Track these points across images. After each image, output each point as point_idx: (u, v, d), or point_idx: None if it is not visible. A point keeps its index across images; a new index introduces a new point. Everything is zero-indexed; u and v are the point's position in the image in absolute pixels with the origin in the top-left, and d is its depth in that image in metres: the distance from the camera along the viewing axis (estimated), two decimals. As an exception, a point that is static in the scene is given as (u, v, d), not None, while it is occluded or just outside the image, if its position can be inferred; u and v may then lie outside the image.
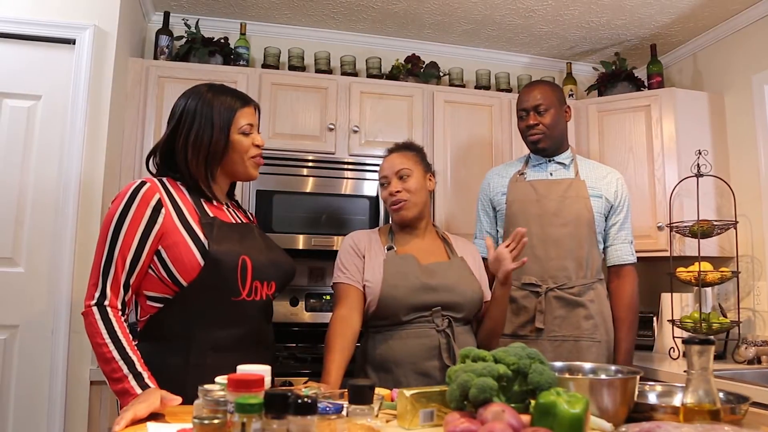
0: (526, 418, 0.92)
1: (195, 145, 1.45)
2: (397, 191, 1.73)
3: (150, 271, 1.39)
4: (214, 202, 1.50)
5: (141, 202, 1.37)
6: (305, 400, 0.83)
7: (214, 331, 1.39)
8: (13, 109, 2.21)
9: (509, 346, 1.03)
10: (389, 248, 1.76)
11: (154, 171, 1.52)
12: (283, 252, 1.59)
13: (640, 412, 1.12)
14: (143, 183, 1.41)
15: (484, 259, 2.19)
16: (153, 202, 1.38)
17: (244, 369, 1.03)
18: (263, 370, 1.01)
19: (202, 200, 1.47)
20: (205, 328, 1.38)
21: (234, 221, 1.51)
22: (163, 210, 1.39)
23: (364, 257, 1.74)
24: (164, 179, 1.46)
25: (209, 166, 1.47)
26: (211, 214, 1.45)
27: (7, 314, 2.13)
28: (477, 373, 0.93)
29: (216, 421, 0.85)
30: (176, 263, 1.36)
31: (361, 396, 0.95)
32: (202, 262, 1.36)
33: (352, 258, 1.75)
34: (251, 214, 1.71)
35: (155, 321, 1.40)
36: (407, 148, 1.83)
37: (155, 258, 1.38)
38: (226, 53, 2.79)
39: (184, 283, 1.37)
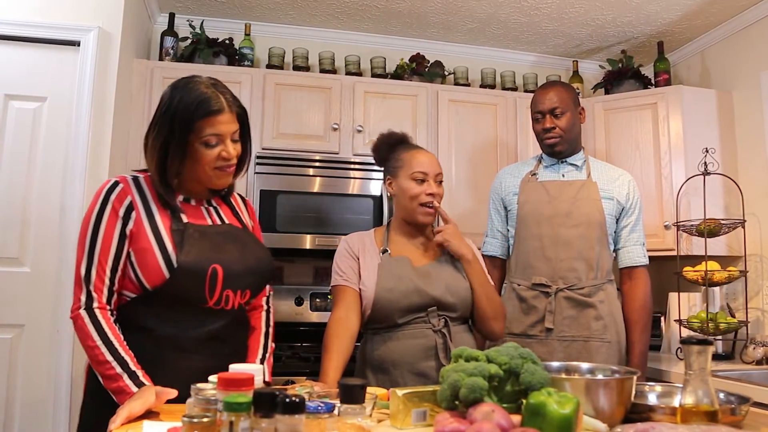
0: (517, 418, 0.91)
1: (152, 146, 1.35)
2: (436, 194, 1.74)
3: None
4: (192, 202, 1.43)
5: (114, 204, 1.34)
6: (293, 399, 0.83)
7: (175, 332, 1.35)
8: (18, 110, 2.24)
9: (502, 346, 1.02)
10: (384, 251, 1.76)
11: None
12: (263, 251, 1.49)
13: (639, 412, 1.11)
14: (116, 183, 1.36)
15: (487, 257, 2.20)
16: (125, 204, 1.34)
17: (236, 368, 1.03)
18: (255, 369, 1.01)
19: (173, 203, 1.38)
20: (166, 325, 1.35)
21: (211, 223, 1.43)
22: (133, 214, 1.34)
23: (358, 259, 1.75)
24: (140, 177, 1.40)
25: (164, 172, 1.35)
26: (185, 219, 1.38)
27: (13, 314, 2.16)
28: (468, 373, 0.92)
29: (205, 420, 0.85)
30: (142, 269, 1.33)
31: (352, 395, 0.95)
32: (167, 274, 1.31)
33: (347, 261, 1.75)
34: (245, 201, 1.60)
35: (121, 311, 1.36)
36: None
37: (127, 258, 1.35)
38: (231, 54, 2.80)
39: (149, 288, 1.33)
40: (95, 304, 1.30)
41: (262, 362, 1.46)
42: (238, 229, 1.48)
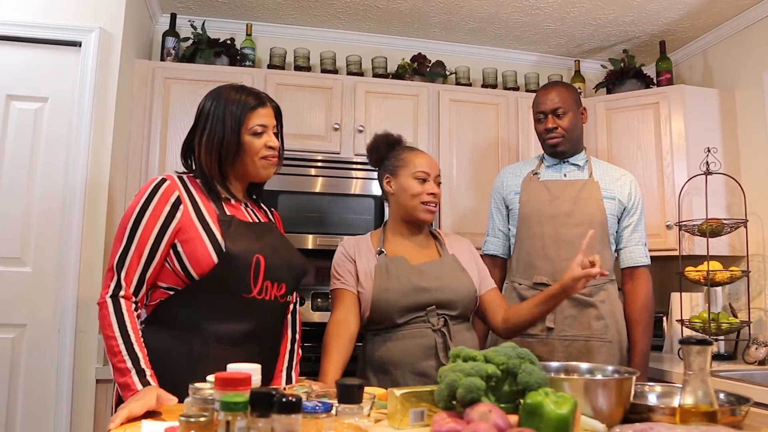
0: (514, 418, 0.91)
1: (208, 146, 1.47)
2: (436, 194, 1.77)
3: (165, 263, 1.41)
4: (232, 201, 1.51)
5: (160, 198, 1.40)
6: (289, 398, 0.83)
7: (220, 324, 1.40)
8: (20, 111, 2.24)
9: (500, 346, 1.02)
10: (380, 252, 1.76)
11: (188, 167, 1.55)
12: (297, 253, 1.58)
13: (638, 413, 1.10)
14: (164, 180, 1.44)
15: (488, 256, 2.20)
16: (172, 199, 1.41)
17: (234, 368, 1.03)
18: (252, 369, 1.01)
19: (220, 199, 1.48)
20: (212, 319, 1.40)
21: (251, 220, 1.52)
22: (181, 207, 1.41)
23: (355, 262, 1.76)
24: (185, 177, 1.49)
25: (222, 166, 1.48)
26: (229, 213, 1.47)
27: (14, 313, 2.16)
28: (465, 373, 0.92)
29: (202, 419, 0.85)
30: (190, 257, 1.38)
31: (349, 395, 0.95)
32: (216, 259, 1.37)
33: (344, 264, 1.77)
34: (273, 212, 1.70)
35: (164, 306, 1.42)
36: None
37: (171, 251, 1.40)
38: (232, 54, 2.81)
39: (196, 277, 1.39)
40: (122, 293, 1.35)
41: (289, 371, 1.54)
42: (274, 227, 1.58)
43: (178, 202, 1.41)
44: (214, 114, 1.47)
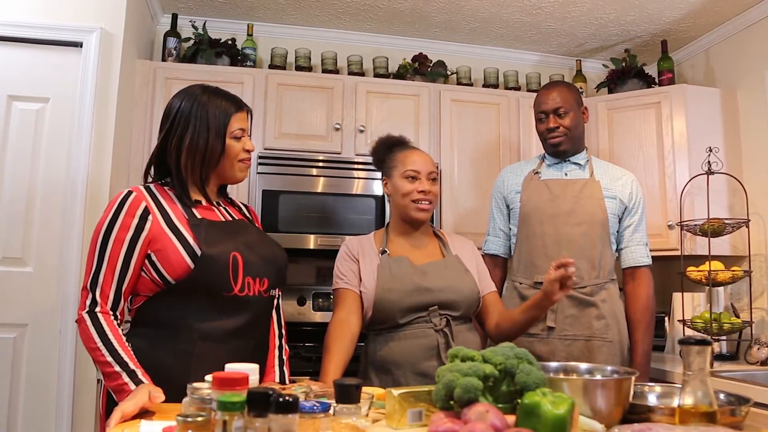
0: (512, 418, 0.91)
1: (190, 149, 1.45)
2: (428, 191, 1.75)
3: (142, 273, 1.41)
4: (204, 203, 1.50)
5: (128, 211, 1.40)
6: (286, 398, 0.83)
7: (204, 322, 1.40)
8: (21, 111, 2.25)
9: (498, 346, 1.02)
10: (383, 252, 1.76)
11: (152, 178, 1.53)
12: (277, 246, 1.59)
13: (637, 413, 1.10)
14: (130, 192, 1.43)
15: (488, 256, 2.20)
16: (140, 211, 1.40)
17: (232, 368, 1.03)
18: (250, 369, 1.01)
19: (190, 203, 1.47)
20: (195, 318, 1.40)
21: (224, 219, 1.52)
22: (150, 217, 1.41)
23: (358, 261, 1.76)
24: (151, 186, 1.48)
25: (204, 169, 1.48)
26: (199, 216, 1.46)
27: (16, 313, 2.17)
28: (463, 373, 0.92)
29: (199, 419, 0.85)
30: (165, 265, 1.39)
31: (347, 395, 0.95)
32: (191, 264, 1.37)
33: (347, 264, 1.77)
34: (248, 208, 1.70)
35: (146, 308, 1.42)
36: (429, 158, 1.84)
37: (146, 261, 1.40)
38: (233, 54, 2.81)
39: (172, 281, 1.39)
40: (98, 309, 1.36)
41: (281, 366, 1.56)
42: (248, 224, 1.58)
43: (146, 212, 1.40)
44: (197, 117, 1.46)
